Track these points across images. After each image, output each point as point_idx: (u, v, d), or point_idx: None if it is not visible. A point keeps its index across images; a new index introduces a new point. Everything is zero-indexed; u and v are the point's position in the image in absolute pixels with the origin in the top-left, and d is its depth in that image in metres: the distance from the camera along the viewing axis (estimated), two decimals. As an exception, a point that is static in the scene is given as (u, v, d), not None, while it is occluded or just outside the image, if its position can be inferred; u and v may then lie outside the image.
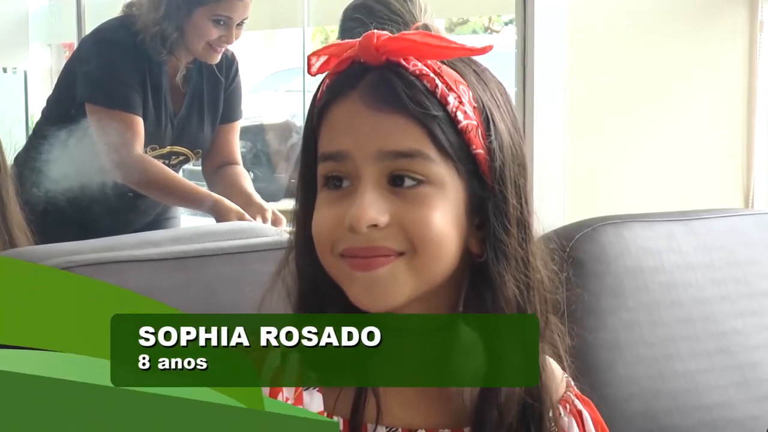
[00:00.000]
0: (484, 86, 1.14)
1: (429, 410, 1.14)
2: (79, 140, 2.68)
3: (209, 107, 2.87)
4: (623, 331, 1.70)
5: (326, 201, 1.11)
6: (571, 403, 1.20)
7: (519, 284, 1.12)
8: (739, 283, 1.84)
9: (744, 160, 2.88)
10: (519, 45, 2.45)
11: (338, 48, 1.13)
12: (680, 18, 2.78)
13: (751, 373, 1.80)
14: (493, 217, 1.11)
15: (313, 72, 1.14)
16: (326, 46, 1.16)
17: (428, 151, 1.09)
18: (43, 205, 2.54)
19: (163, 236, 1.54)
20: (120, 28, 2.76)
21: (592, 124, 2.61)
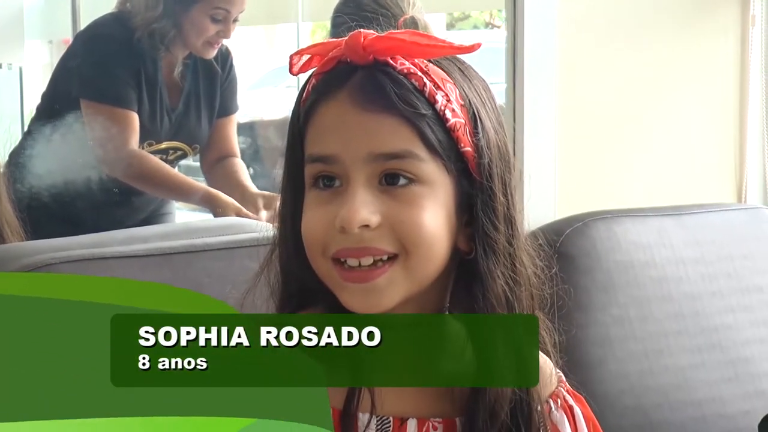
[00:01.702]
0: (470, 83, 1.14)
1: (420, 400, 1.14)
2: (73, 135, 2.68)
3: (206, 102, 2.87)
4: (614, 327, 1.70)
5: (316, 201, 1.11)
6: (563, 399, 1.20)
7: (508, 280, 1.12)
8: (730, 278, 1.84)
9: (736, 154, 2.88)
10: (509, 40, 2.45)
11: (323, 47, 1.13)
12: (672, 12, 2.78)
13: (742, 369, 1.80)
14: (482, 213, 1.11)
15: (294, 71, 1.13)
16: (310, 45, 1.15)
17: (418, 151, 1.09)
18: (32, 201, 2.54)
19: (152, 232, 1.54)
20: (114, 23, 2.76)
21: (583, 119, 2.60)
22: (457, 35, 8.98)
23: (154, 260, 1.40)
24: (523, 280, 1.14)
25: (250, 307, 1.13)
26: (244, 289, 1.15)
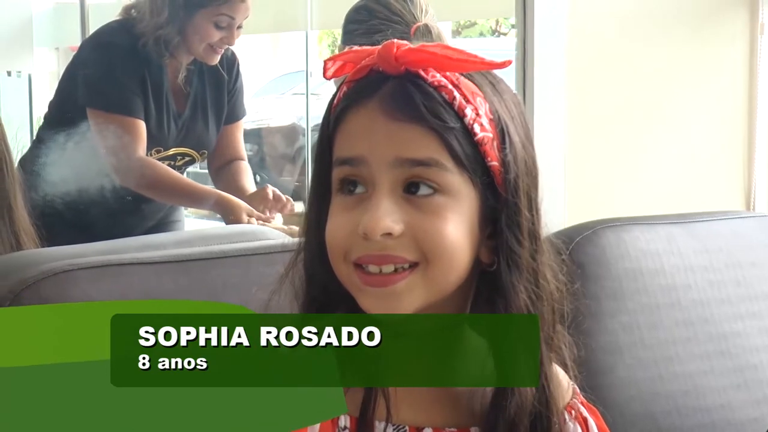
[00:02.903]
0: (500, 98, 1.14)
1: (436, 409, 1.14)
2: (80, 144, 2.69)
3: (213, 107, 2.87)
4: (623, 334, 1.70)
5: (341, 207, 1.12)
6: (577, 410, 1.20)
7: (530, 294, 1.13)
8: (739, 285, 1.84)
9: (745, 162, 2.88)
10: (519, 48, 2.46)
11: (355, 55, 1.14)
12: (680, 20, 2.78)
13: (751, 376, 1.80)
14: (506, 228, 1.12)
15: (328, 76, 1.14)
16: (344, 51, 1.16)
17: (444, 161, 1.09)
18: (45, 209, 2.54)
19: (167, 239, 1.55)
20: (119, 31, 2.76)
21: (592, 127, 2.61)
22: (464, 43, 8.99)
23: (171, 267, 1.40)
24: (545, 294, 1.15)
25: (276, 309, 1.14)
26: (270, 291, 1.16)
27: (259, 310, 1.14)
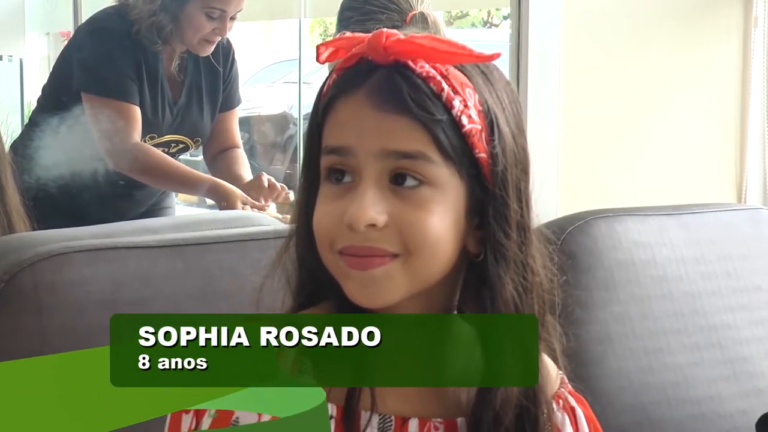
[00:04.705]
0: (491, 88, 1.14)
1: (422, 399, 1.14)
2: (73, 128, 2.68)
3: (208, 95, 2.87)
4: (614, 324, 1.71)
5: (328, 195, 1.12)
6: (565, 399, 1.20)
7: (518, 287, 1.13)
8: (729, 277, 1.85)
9: (737, 155, 2.89)
10: (513, 38, 2.46)
11: (347, 41, 1.13)
12: (674, 13, 2.79)
13: (740, 367, 1.81)
14: (493, 220, 1.12)
15: (321, 60, 1.14)
16: (336, 38, 1.16)
17: (431, 154, 1.09)
18: (38, 193, 2.54)
19: (162, 223, 1.55)
20: (115, 16, 2.76)
21: (585, 118, 2.62)
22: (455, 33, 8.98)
23: (166, 251, 1.40)
24: (533, 286, 1.14)
25: (269, 293, 1.14)
26: (263, 275, 1.16)
27: (253, 293, 1.14)
